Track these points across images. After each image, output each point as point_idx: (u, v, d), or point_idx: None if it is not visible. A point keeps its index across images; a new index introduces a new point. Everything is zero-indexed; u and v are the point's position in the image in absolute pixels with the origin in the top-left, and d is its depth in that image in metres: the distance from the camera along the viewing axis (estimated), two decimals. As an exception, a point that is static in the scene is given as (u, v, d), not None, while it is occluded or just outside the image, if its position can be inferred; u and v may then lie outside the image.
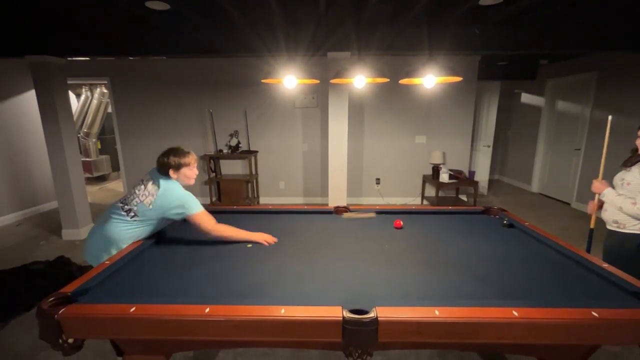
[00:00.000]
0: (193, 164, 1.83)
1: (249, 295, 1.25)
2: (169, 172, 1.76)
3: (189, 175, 1.82)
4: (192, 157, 1.83)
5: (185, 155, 1.80)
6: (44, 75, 3.50)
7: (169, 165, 1.75)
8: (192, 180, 1.86)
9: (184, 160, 1.77)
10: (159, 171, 1.77)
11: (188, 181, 1.83)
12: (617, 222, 1.92)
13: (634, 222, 1.85)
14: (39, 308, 1.13)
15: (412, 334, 1.09)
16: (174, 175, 1.78)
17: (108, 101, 6.55)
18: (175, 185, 1.76)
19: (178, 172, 1.78)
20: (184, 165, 1.78)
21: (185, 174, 1.80)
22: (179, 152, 1.79)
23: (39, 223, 4.57)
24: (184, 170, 1.78)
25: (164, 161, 1.76)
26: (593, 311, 1.08)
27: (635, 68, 4.05)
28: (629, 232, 1.86)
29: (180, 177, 1.80)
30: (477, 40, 3.20)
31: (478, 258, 1.57)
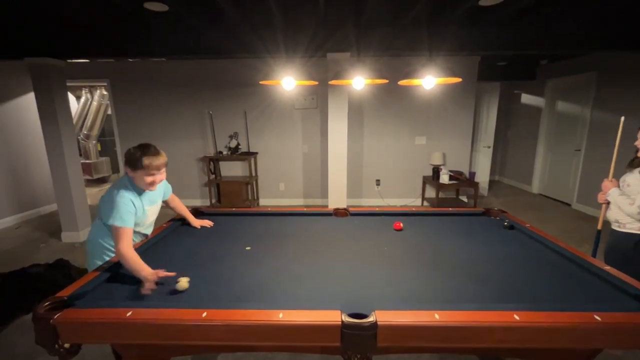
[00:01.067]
0: (155, 171, 1.58)
1: (246, 298, 1.24)
2: (125, 167, 1.60)
3: (146, 181, 1.59)
4: (159, 160, 1.59)
5: (150, 155, 1.56)
6: (44, 78, 3.50)
7: (126, 160, 1.58)
8: (150, 186, 1.62)
9: (145, 160, 1.54)
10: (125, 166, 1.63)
11: (145, 187, 1.61)
12: (618, 222, 1.94)
13: (632, 222, 1.86)
14: (35, 313, 1.12)
15: (412, 339, 1.07)
16: (131, 174, 1.59)
17: (108, 103, 6.55)
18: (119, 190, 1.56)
19: (134, 173, 1.58)
20: (143, 167, 1.55)
21: (142, 177, 1.58)
22: (147, 149, 1.58)
23: (39, 226, 4.56)
24: (140, 174, 1.57)
25: (125, 153, 1.60)
26: (595, 315, 1.07)
27: (635, 68, 4.04)
28: (627, 231, 1.89)
29: (137, 180, 1.60)
30: (477, 40, 3.19)
31: (478, 260, 1.56)
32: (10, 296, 2.55)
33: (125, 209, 1.52)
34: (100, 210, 1.64)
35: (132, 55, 3.65)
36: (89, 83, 6.13)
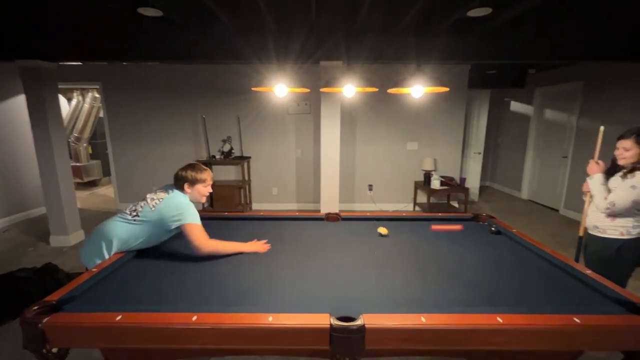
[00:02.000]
0: (209, 182, 1.87)
1: (237, 302, 1.25)
2: (184, 185, 1.81)
3: (202, 192, 1.86)
4: (208, 174, 1.86)
5: (202, 171, 1.84)
6: (35, 80, 3.47)
7: (185, 179, 1.80)
8: (203, 198, 1.89)
9: (200, 176, 1.82)
10: (175, 184, 1.83)
11: (200, 198, 1.87)
12: (597, 227, 1.97)
13: (613, 227, 1.90)
14: (23, 316, 1.12)
15: (399, 341, 1.10)
16: (188, 190, 1.82)
17: (100, 106, 6.51)
18: (183, 196, 1.79)
19: (192, 188, 1.82)
20: (200, 181, 1.82)
21: (199, 190, 1.84)
22: (197, 167, 1.84)
23: (27, 229, 4.49)
24: (198, 187, 1.83)
25: (181, 175, 1.82)
26: (575, 317, 1.10)
27: (620, 78, 4.17)
28: (609, 237, 1.91)
29: (194, 193, 1.84)
30: (466, 50, 3.27)
31: (466, 264, 1.60)
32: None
33: (193, 209, 1.76)
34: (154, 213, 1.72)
35: (125, 59, 3.65)
36: (81, 86, 6.10)
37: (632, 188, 1.78)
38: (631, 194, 1.78)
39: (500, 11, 2.62)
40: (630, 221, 1.86)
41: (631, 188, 1.78)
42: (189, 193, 1.83)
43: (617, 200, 1.82)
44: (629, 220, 1.86)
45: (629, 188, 1.79)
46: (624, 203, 1.80)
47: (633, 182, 1.78)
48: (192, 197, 1.85)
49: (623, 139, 1.87)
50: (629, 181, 1.80)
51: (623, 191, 1.81)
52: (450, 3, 2.52)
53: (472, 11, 2.64)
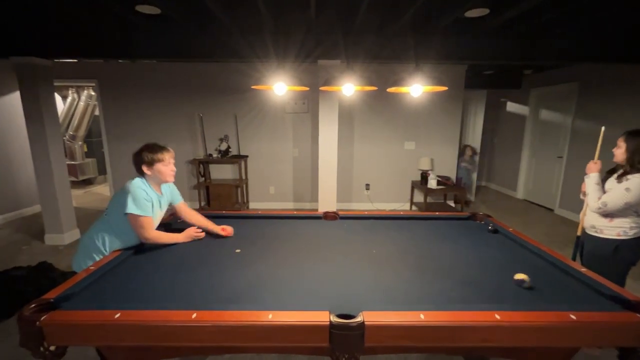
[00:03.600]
0: (168, 160, 1.76)
1: (236, 300, 1.25)
2: (142, 168, 1.72)
3: (163, 172, 1.75)
4: (167, 152, 1.76)
5: (159, 150, 1.74)
6: (30, 77, 3.44)
7: (141, 161, 1.71)
8: (169, 177, 1.79)
9: (157, 155, 1.72)
10: (136, 169, 1.75)
11: (164, 177, 1.77)
12: (594, 227, 2.01)
13: (610, 227, 1.93)
14: (20, 314, 1.11)
15: (398, 338, 1.10)
16: (148, 172, 1.73)
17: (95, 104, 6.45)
18: (135, 183, 1.69)
19: (152, 169, 1.73)
20: (157, 160, 1.72)
21: (160, 170, 1.74)
22: (153, 147, 1.74)
23: (21, 227, 4.45)
24: (158, 166, 1.73)
25: (136, 157, 1.73)
26: (571, 314, 1.12)
27: (614, 79, 4.22)
28: (606, 237, 1.95)
29: (155, 174, 1.74)
30: (463, 50, 3.29)
31: (463, 263, 1.61)
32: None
33: (143, 198, 1.66)
34: (111, 205, 1.70)
35: (121, 56, 3.63)
36: (76, 83, 6.04)
37: (626, 190, 1.82)
38: (624, 196, 1.82)
39: (497, 12, 2.64)
40: (627, 222, 1.89)
41: (625, 190, 1.82)
42: (150, 175, 1.74)
43: (609, 201, 1.87)
44: (626, 221, 1.89)
45: (623, 190, 1.83)
46: (616, 204, 1.85)
47: (627, 185, 1.82)
48: (155, 179, 1.76)
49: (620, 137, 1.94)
50: (624, 184, 1.84)
51: (616, 193, 1.85)
52: (448, 3, 2.54)
53: (470, 12, 2.65)
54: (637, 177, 1.81)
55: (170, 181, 1.82)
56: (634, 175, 1.82)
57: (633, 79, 3.96)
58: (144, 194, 1.68)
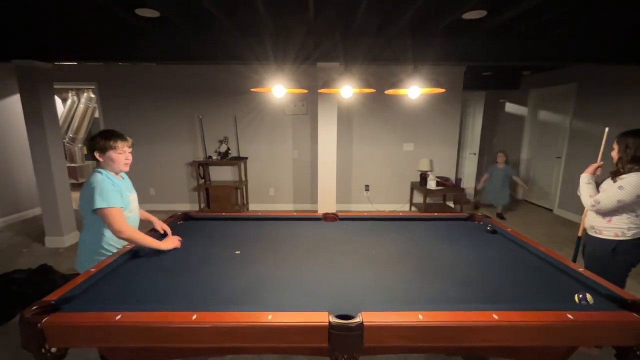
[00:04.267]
0: (121, 147, 1.66)
1: (236, 301, 1.26)
2: (95, 155, 1.64)
3: (115, 159, 1.65)
4: (121, 141, 1.67)
5: (112, 137, 1.64)
6: (30, 80, 3.45)
7: (93, 146, 1.64)
8: (122, 165, 1.70)
9: (109, 142, 1.62)
10: (90, 155, 1.71)
11: (115, 166, 1.68)
12: (593, 228, 2.03)
13: (608, 228, 1.94)
14: (22, 316, 1.11)
15: (397, 338, 1.11)
16: (100, 158, 1.65)
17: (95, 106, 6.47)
18: (97, 175, 1.62)
19: (103, 156, 1.64)
20: (110, 148, 1.62)
21: (112, 157, 1.64)
22: (107, 133, 1.66)
23: (21, 230, 4.45)
24: (110, 154, 1.63)
25: (89, 143, 1.66)
26: (568, 313, 1.13)
27: (612, 80, 4.23)
28: (604, 237, 1.96)
29: (106, 162, 1.66)
30: (461, 52, 3.31)
31: (462, 263, 1.62)
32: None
33: (108, 189, 1.58)
34: (81, 204, 1.65)
35: (121, 59, 3.65)
36: (76, 86, 6.06)
37: (619, 188, 1.85)
38: (617, 194, 1.84)
39: (495, 14, 2.66)
40: (625, 222, 1.90)
41: (618, 188, 1.85)
42: (102, 163, 1.66)
43: (602, 199, 1.90)
44: (625, 221, 1.90)
45: (616, 188, 1.86)
46: (610, 202, 1.87)
47: (621, 183, 1.85)
48: (108, 167, 1.67)
49: None
50: (618, 182, 1.87)
51: (610, 191, 1.88)
52: (446, 6, 2.56)
53: (467, 14, 2.67)
54: (630, 176, 1.84)
55: (124, 170, 1.73)
56: (628, 174, 1.85)
57: (631, 79, 3.98)
58: (110, 183, 1.61)
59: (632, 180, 1.82)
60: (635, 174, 1.83)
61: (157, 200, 5.27)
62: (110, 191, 1.59)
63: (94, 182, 1.59)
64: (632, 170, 1.85)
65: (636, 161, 1.86)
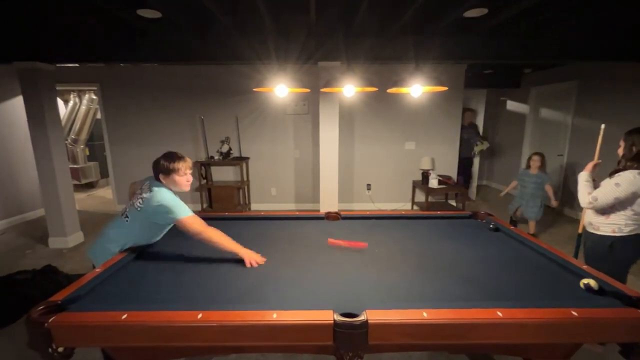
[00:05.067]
0: (184, 170, 1.79)
1: (241, 300, 1.27)
2: (159, 176, 1.77)
3: (178, 182, 1.78)
4: (183, 163, 1.78)
5: (176, 160, 1.77)
6: (33, 82, 3.47)
7: (158, 169, 1.76)
8: (184, 186, 1.82)
9: (172, 165, 1.75)
10: (154, 175, 1.80)
11: (177, 187, 1.80)
12: (592, 224, 2.04)
13: (606, 224, 1.96)
14: (29, 317, 1.12)
15: (402, 336, 1.12)
16: (164, 180, 1.77)
17: (97, 107, 6.49)
18: (164, 191, 1.73)
19: (167, 178, 1.76)
20: (173, 171, 1.75)
21: (175, 180, 1.77)
22: (171, 156, 1.78)
23: (24, 231, 4.47)
24: (173, 177, 1.76)
25: (155, 165, 1.78)
26: (573, 310, 1.13)
27: (613, 77, 4.22)
28: (602, 234, 1.98)
29: (169, 183, 1.78)
30: (462, 50, 3.31)
31: (465, 261, 1.62)
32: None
33: (178, 202, 1.71)
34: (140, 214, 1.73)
35: (124, 60, 3.65)
36: (78, 87, 6.07)
37: (616, 185, 1.85)
38: (614, 191, 1.85)
39: (496, 12, 2.66)
40: (622, 219, 1.90)
41: (615, 185, 1.85)
42: (165, 184, 1.77)
43: (599, 195, 1.90)
44: (622, 218, 1.90)
45: (612, 185, 1.86)
46: (606, 199, 1.88)
47: (617, 180, 1.85)
48: (172, 186, 1.78)
49: None
50: (614, 179, 1.87)
51: (606, 188, 1.89)
52: (447, 4, 2.55)
53: (468, 12, 2.67)
54: (627, 173, 1.84)
55: (185, 190, 1.84)
56: (625, 171, 1.85)
57: (632, 77, 3.96)
58: (176, 197, 1.74)
59: (627, 177, 1.82)
60: (631, 171, 1.83)
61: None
62: (181, 204, 1.72)
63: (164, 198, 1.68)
64: (630, 168, 1.85)
65: (637, 159, 1.85)
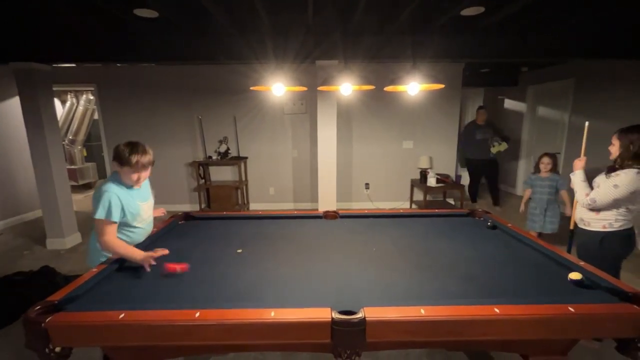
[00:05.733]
0: (137, 169, 1.64)
1: (239, 299, 1.27)
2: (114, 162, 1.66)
3: (130, 177, 1.65)
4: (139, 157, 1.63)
5: (133, 153, 1.62)
6: (29, 83, 3.45)
7: (115, 155, 1.65)
8: (134, 183, 1.69)
9: (129, 157, 1.61)
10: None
11: (131, 182, 1.68)
12: (583, 220, 2.06)
13: (596, 220, 1.97)
14: (26, 316, 1.12)
15: (399, 333, 1.12)
16: (117, 168, 1.66)
17: (94, 108, 6.46)
18: (105, 185, 1.63)
19: (121, 168, 1.64)
20: (126, 163, 1.61)
21: (125, 172, 1.65)
22: (131, 146, 1.65)
23: (22, 232, 4.45)
24: (125, 169, 1.64)
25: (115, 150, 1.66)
26: (569, 306, 1.13)
27: (610, 75, 4.24)
28: (592, 229, 2.00)
29: (122, 174, 1.67)
30: (460, 49, 3.31)
31: (463, 258, 1.62)
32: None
33: (111, 203, 1.60)
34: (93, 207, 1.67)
35: (120, 60, 3.64)
36: (75, 88, 6.05)
37: (614, 187, 1.84)
38: (613, 192, 1.85)
39: (493, 10, 2.66)
40: (613, 214, 1.92)
41: (613, 187, 1.85)
42: (118, 171, 1.67)
43: (598, 197, 1.90)
44: (613, 213, 1.92)
45: (611, 187, 1.86)
46: (605, 200, 1.88)
47: (616, 181, 1.84)
48: (123, 177, 1.67)
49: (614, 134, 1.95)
50: (612, 180, 1.86)
51: (605, 190, 1.88)
52: (444, 2, 2.56)
53: (465, 10, 2.67)
54: (624, 174, 1.83)
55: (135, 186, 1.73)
56: (623, 171, 1.84)
57: (628, 74, 3.98)
58: (115, 200, 1.61)
59: (626, 178, 1.81)
60: (629, 170, 1.82)
61: (158, 201, 5.16)
62: (113, 205, 1.60)
63: (102, 193, 1.60)
64: (628, 167, 1.84)
65: (638, 158, 1.83)
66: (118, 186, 1.67)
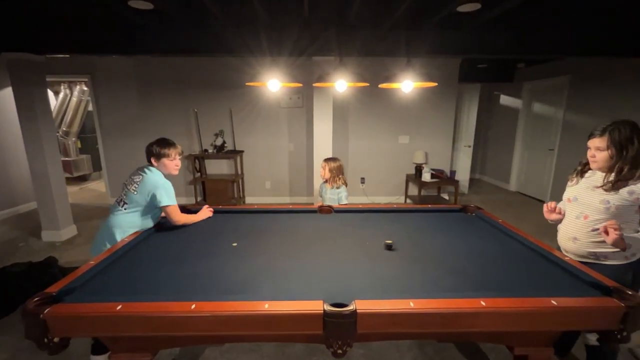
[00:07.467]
0: (174, 156, 1.98)
1: (234, 292, 1.29)
2: (151, 159, 1.96)
3: (168, 166, 1.97)
4: (173, 149, 1.98)
5: (167, 146, 1.96)
6: (22, 73, 3.42)
7: (150, 152, 1.95)
8: (173, 170, 2.01)
9: (164, 150, 1.94)
10: (147, 159, 1.96)
11: (167, 171, 1.99)
12: (595, 255, 1.55)
13: (614, 251, 1.49)
14: (24, 307, 1.14)
15: (389, 325, 1.16)
16: (155, 163, 1.97)
17: (88, 99, 6.40)
18: (156, 173, 1.94)
19: (158, 161, 1.96)
20: (164, 155, 1.95)
21: (165, 163, 1.96)
22: (163, 142, 1.97)
23: (17, 224, 4.44)
24: (163, 160, 1.96)
25: (147, 149, 1.97)
26: (552, 300, 1.18)
27: (605, 72, 4.28)
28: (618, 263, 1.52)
29: (160, 167, 1.97)
30: (455, 45, 3.32)
31: (454, 253, 1.66)
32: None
33: (168, 188, 1.92)
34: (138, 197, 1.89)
35: (115, 52, 3.60)
36: (69, 79, 5.98)
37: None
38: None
39: (489, 7, 2.67)
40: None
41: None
42: (156, 166, 1.96)
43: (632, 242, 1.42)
44: None
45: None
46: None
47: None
48: (162, 170, 1.97)
49: (593, 137, 1.50)
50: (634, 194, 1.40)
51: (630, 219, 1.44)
52: (440, -2, 2.56)
53: (462, 6, 2.67)
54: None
55: (174, 174, 2.02)
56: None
57: (623, 72, 4.02)
58: (170, 184, 1.93)
59: None
60: None
61: (153, 193, 5.26)
62: (171, 188, 1.93)
63: (159, 180, 1.91)
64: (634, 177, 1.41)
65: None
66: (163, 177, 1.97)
